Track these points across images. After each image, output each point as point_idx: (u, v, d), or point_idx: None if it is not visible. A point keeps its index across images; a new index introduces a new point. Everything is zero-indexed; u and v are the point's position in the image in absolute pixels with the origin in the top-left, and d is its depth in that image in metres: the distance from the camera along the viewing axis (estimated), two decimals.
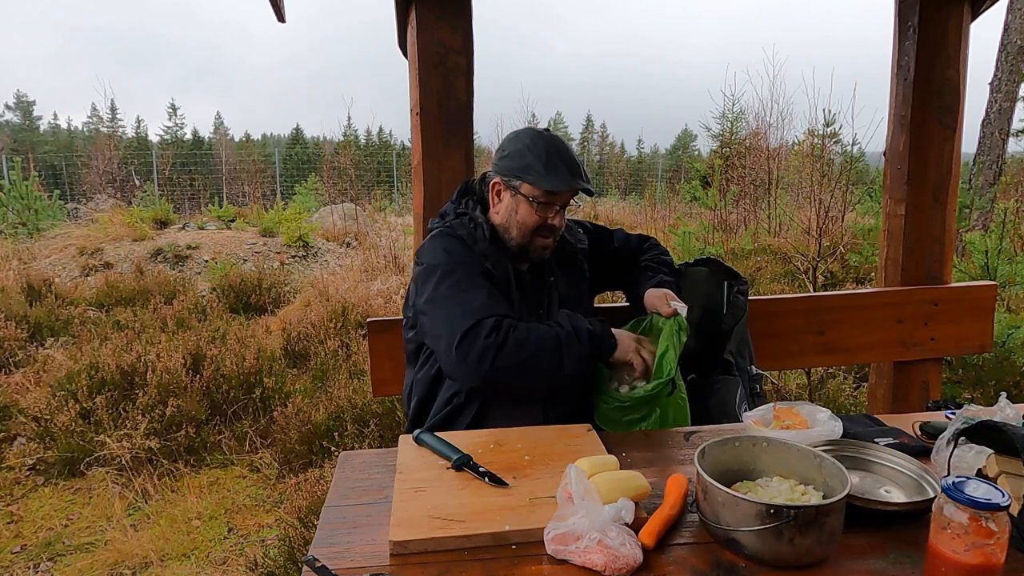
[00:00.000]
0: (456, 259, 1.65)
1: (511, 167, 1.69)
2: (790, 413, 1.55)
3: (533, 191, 1.67)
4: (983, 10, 2.45)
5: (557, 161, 1.66)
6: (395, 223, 10.93)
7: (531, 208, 1.68)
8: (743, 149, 10.73)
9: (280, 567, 2.52)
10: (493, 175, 1.74)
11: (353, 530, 1.18)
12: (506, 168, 1.70)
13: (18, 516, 3.15)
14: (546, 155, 1.66)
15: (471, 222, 1.73)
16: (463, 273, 1.62)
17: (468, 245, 1.69)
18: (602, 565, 1.02)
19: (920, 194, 2.49)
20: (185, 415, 3.68)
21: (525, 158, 1.67)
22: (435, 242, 1.71)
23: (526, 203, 1.68)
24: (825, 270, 6.06)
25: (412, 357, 1.80)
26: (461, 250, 1.67)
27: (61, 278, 7.70)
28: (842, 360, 2.79)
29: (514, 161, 1.69)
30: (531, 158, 1.66)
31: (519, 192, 1.68)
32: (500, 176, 1.72)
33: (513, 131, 1.78)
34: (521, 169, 1.67)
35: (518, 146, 1.69)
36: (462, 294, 1.59)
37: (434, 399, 1.72)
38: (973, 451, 1.28)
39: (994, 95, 8.52)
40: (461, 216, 1.76)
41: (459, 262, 1.65)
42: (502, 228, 1.73)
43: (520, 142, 1.70)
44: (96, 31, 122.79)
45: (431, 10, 2.09)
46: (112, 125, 39.14)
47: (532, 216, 1.69)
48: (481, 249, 1.69)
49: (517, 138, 1.72)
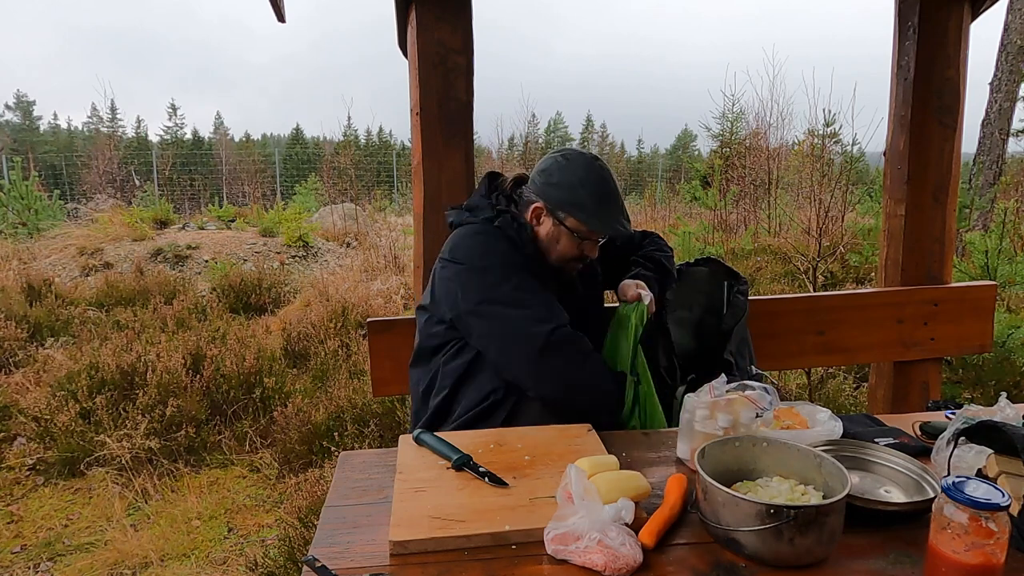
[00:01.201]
0: (507, 260, 1.61)
1: (559, 198, 1.65)
2: (790, 413, 1.55)
3: (579, 227, 1.65)
4: (983, 10, 2.45)
5: (607, 202, 1.64)
6: (395, 223, 10.93)
7: (573, 242, 1.67)
8: (743, 149, 10.73)
9: (280, 567, 2.52)
10: (535, 197, 1.68)
11: (353, 530, 1.18)
12: (554, 197, 1.65)
13: (18, 516, 3.15)
14: (597, 194, 1.63)
15: (514, 222, 1.68)
16: (521, 277, 1.59)
17: (516, 247, 1.65)
18: (602, 565, 1.02)
19: (920, 194, 2.49)
20: (185, 415, 3.68)
21: (576, 193, 1.63)
22: (480, 240, 1.65)
23: (568, 235, 1.66)
24: (825, 270, 6.06)
25: (430, 352, 1.73)
26: (509, 251, 1.63)
27: (61, 278, 7.70)
28: (842, 360, 2.79)
29: (563, 192, 1.64)
30: (583, 195, 1.63)
31: (563, 224, 1.65)
32: (544, 202, 1.67)
33: (561, 153, 1.70)
34: (570, 204, 1.64)
35: (570, 177, 1.64)
36: (531, 298, 1.56)
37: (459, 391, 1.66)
38: (973, 451, 1.28)
39: (994, 95, 8.52)
40: (503, 214, 1.70)
41: (512, 264, 1.60)
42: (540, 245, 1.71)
43: (572, 173, 1.65)
44: (96, 31, 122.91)
45: (431, 10, 2.09)
46: (112, 125, 39.14)
47: (572, 248, 1.68)
48: (529, 252, 1.66)
49: (569, 168, 1.66)
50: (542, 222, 1.69)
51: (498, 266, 1.60)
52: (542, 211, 1.68)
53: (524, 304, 1.56)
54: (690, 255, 5.37)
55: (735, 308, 2.11)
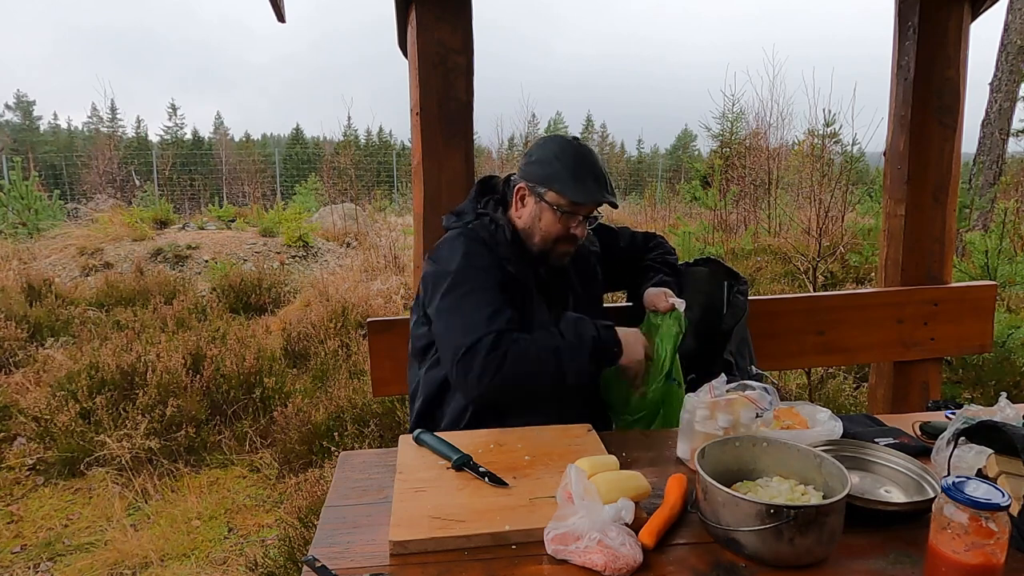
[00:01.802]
0: (471, 265, 1.61)
1: (538, 173, 1.67)
2: (790, 413, 1.55)
3: (558, 200, 1.65)
4: (983, 10, 2.45)
5: (584, 172, 1.65)
6: (395, 223, 10.93)
7: (555, 216, 1.66)
8: (743, 149, 10.73)
9: (280, 567, 2.52)
10: (518, 179, 1.71)
11: (353, 530, 1.18)
12: (532, 174, 1.68)
13: (18, 516, 3.15)
14: (574, 165, 1.64)
15: (492, 223, 1.70)
16: (474, 283, 1.59)
17: (489, 247, 1.66)
18: (602, 565, 1.02)
19: (920, 194, 2.49)
20: (185, 415, 3.68)
21: (552, 166, 1.65)
22: (453, 243, 1.68)
23: (550, 211, 1.66)
24: (825, 270, 6.06)
25: (420, 354, 1.76)
26: (479, 254, 1.64)
27: (61, 278, 7.70)
28: (842, 360, 2.79)
29: (541, 168, 1.66)
30: (558, 167, 1.64)
31: (544, 199, 1.66)
32: (525, 181, 1.69)
33: (542, 137, 1.76)
34: (548, 177, 1.65)
35: (546, 153, 1.67)
36: (467, 307, 1.57)
37: (443, 399, 1.70)
38: (973, 451, 1.28)
39: (994, 95, 8.52)
40: (482, 216, 1.72)
41: (473, 269, 1.61)
42: (524, 233, 1.71)
43: (548, 149, 1.68)
44: (96, 31, 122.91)
45: (431, 10, 2.09)
46: (112, 125, 39.13)
47: (555, 224, 1.67)
48: (503, 252, 1.66)
49: (546, 145, 1.70)
50: (525, 203, 1.70)
51: (456, 271, 1.61)
52: (524, 191, 1.70)
53: (458, 314, 1.57)
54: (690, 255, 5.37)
55: (735, 308, 2.11)
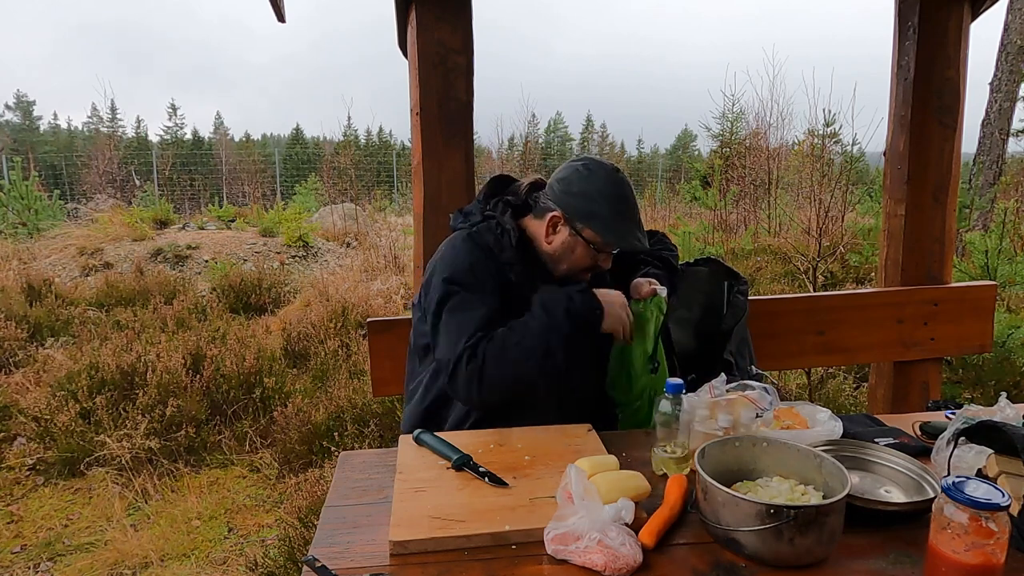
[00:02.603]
0: (468, 271, 1.60)
1: (577, 208, 1.62)
2: (790, 413, 1.55)
3: (595, 239, 1.63)
4: (983, 10, 2.45)
5: (626, 215, 1.63)
6: (395, 223, 10.93)
7: (588, 252, 1.65)
8: (743, 149, 10.73)
9: (280, 567, 2.53)
10: (553, 205, 1.65)
11: (353, 530, 1.18)
12: (572, 207, 1.63)
13: (18, 516, 3.15)
14: (617, 207, 1.62)
15: (498, 227, 1.67)
16: (464, 295, 1.57)
17: (492, 252, 1.64)
18: (602, 565, 1.02)
19: (920, 194, 2.49)
20: (185, 415, 3.68)
21: (595, 204, 1.61)
22: (455, 246, 1.66)
23: (584, 247, 1.64)
24: (825, 270, 6.06)
25: (422, 351, 1.74)
26: (480, 261, 1.62)
27: (61, 278, 7.70)
28: (842, 360, 2.80)
29: (582, 203, 1.62)
30: (602, 206, 1.61)
31: (580, 235, 1.63)
32: (563, 211, 1.64)
33: (583, 163, 1.67)
34: (588, 215, 1.62)
35: (589, 188, 1.62)
36: (453, 323, 1.55)
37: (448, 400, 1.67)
38: (973, 451, 1.28)
39: (994, 95, 8.52)
40: (488, 219, 1.70)
41: (469, 274, 1.59)
42: (550, 257, 1.68)
43: (593, 184, 1.62)
44: (96, 31, 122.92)
45: (431, 10, 2.09)
46: (112, 125, 39.15)
47: (587, 259, 1.66)
48: (507, 257, 1.64)
49: (590, 178, 1.63)
50: (558, 231, 1.66)
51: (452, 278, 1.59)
52: (559, 220, 1.65)
53: (448, 327, 1.56)
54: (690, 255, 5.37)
55: (735, 308, 2.11)
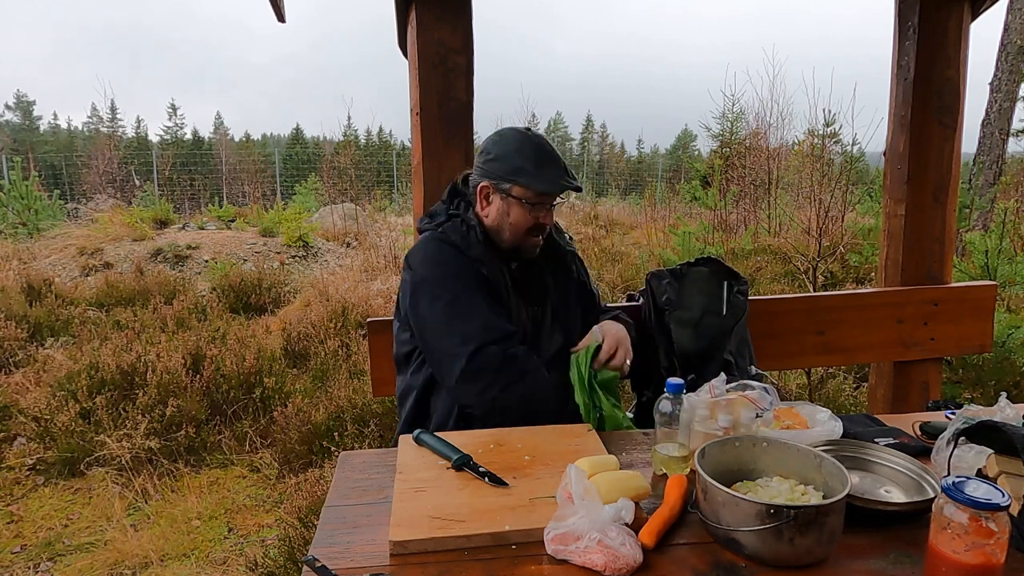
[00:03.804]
0: (449, 271, 1.63)
1: (500, 170, 1.67)
2: (790, 413, 1.55)
3: (525, 193, 1.66)
4: (983, 10, 2.45)
5: (547, 162, 1.66)
6: (395, 223, 10.93)
7: (524, 210, 1.67)
8: (743, 149, 10.73)
9: (280, 567, 2.52)
10: (479, 179, 1.71)
11: (353, 530, 1.18)
12: (495, 171, 1.68)
13: (18, 516, 3.15)
14: (535, 156, 1.66)
15: (464, 224, 1.71)
16: (458, 290, 1.61)
17: (461, 251, 1.66)
18: (602, 565, 1.02)
19: (920, 194, 2.49)
20: (185, 415, 3.68)
21: (514, 160, 1.66)
22: (426, 248, 1.69)
23: (519, 205, 1.67)
24: (825, 270, 6.06)
25: (404, 360, 1.78)
26: (453, 259, 1.65)
27: (61, 278, 7.70)
28: (842, 360, 2.80)
29: (503, 164, 1.67)
30: (521, 160, 1.65)
31: (511, 195, 1.67)
32: (488, 180, 1.69)
33: (495, 132, 1.74)
34: (512, 172, 1.66)
35: (505, 148, 1.68)
36: (460, 316, 1.58)
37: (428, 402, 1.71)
38: (973, 451, 1.28)
39: (994, 95, 8.52)
40: (453, 218, 1.73)
41: (452, 275, 1.62)
42: (493, 230, 1.72)
43: (507, 144, 1.69)
44: (96, 31, 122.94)
45: (431, 10, 2.09)
46: (112, 125, 39.18)
47: (525, 217, 1.68)
48: (475, 253, 1.66)
49: (502, 140, 1.70)
50: (491, 201, 1.70)
51: (436, 278, 1.63)
52: (489, 189, 1.70)
53: (453, 324, 1.59)
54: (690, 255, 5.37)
55: (735, 308, 2.11)
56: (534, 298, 1.76)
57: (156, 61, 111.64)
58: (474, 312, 1.58)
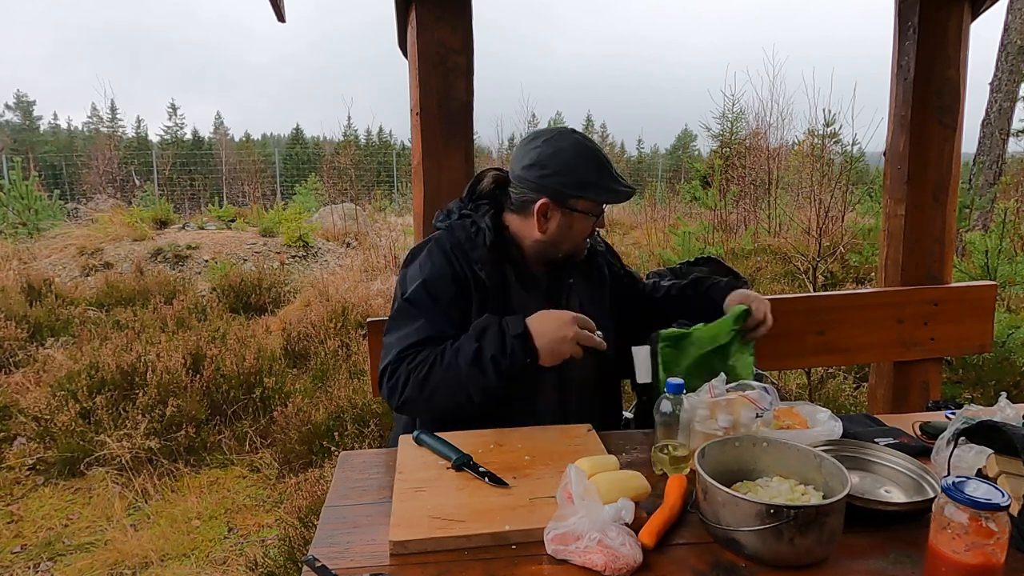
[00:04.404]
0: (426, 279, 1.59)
1: (564, 185, 1.55)
2: (790, 413, 1.55)
3: (591, 206, 1.59)
4: (983, 10, 2.45)
5: (606, 169, 1.59)
6: (395, 223, 10.93)
7: (588, 222, 1.62)
8: (743, 149, 10.73)
9: (280, 567, 2.53)
10: (535, 195, 1.58)
11: (353, 530, 1.18)
12: (557, 187, 1.55)
13: (18, 516, 3.15)
14: (596, 166, 1.57)
15: (473, 225, 1.65)
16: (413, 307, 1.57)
17: (456, 254, 1.61)
18: (602, 565, 1.02)
19: (920, 194, 2.49)
20: (185, 415, 3.68)
21: (578, 174, 1.55)
22: (424, 251, 1.66)
23: (583, 218, 1.60)
24: (825, 270, 6.06)
25: None
26: (441, 265, 1.60)
27: (61, 278, 7.70)
28: (842, 360, 2.80)
29: (565, 178, 1.55)
30: (585, 173, 1.56)
31: (575, 210, 1.58)
32: (548, 196, 1.56)
33: (539, 139, 1.60)
34: (578, 187, 1.56)
35: (564, 161, 1.55)
36: (393, 330, 1.58)
37: None
38: (973, 451, 1.28)
39: (994, 95, 8.52)
40: (464, 218, 1.68)
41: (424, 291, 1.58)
42: (547, 245, 1.63)
43: (565, 157, 1.56)
44: (96, 31, 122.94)
45: (431, 10, 2.09)
46: (112, 125, 39.14)
47: (587, 228, 1.63)
48: (477, 256, 1.61)
49: (558, 152, 1.56)
50: (550, 217, 1.60)
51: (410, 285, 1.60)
52: (549, 206, 1.59)
53: (390, 334, 1.58)
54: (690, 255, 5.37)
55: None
56: (558, 302, 1.70)
57: (156, 61, 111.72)
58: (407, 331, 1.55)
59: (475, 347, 1.46)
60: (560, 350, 1.45)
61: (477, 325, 1.50)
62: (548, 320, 1.47)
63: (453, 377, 1.46)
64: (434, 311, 1.56)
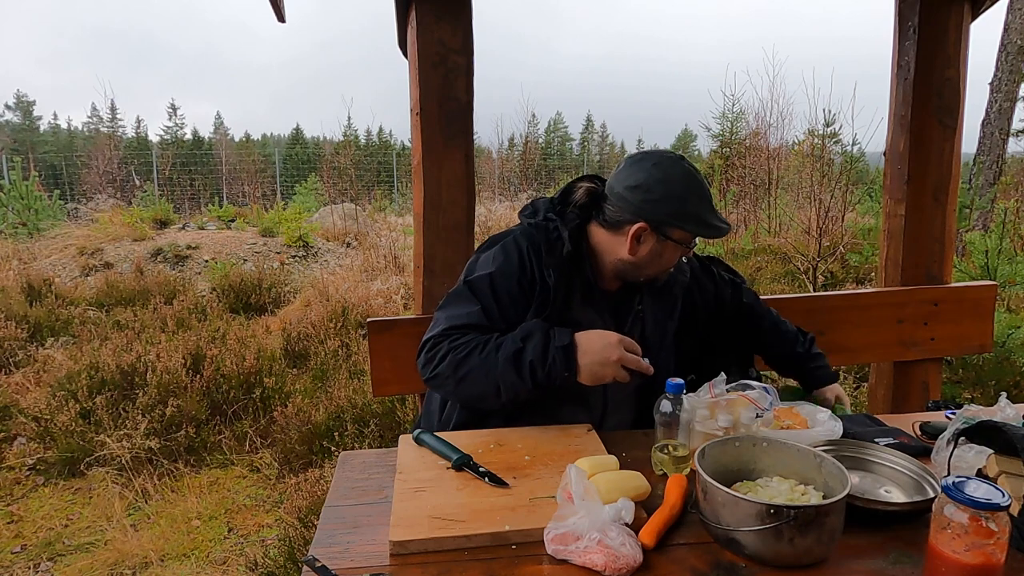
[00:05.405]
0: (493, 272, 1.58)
1: (665, 212, 1.53)
2: (790, 413, 1.55)
3: (686, 237, 1.57)
4: (983, 10, 2.45)
5: (708, 202, 1.57)
6: (395, 223, 10.94)
7: (677, 251, 1.60)
8: (743, 149, 10.73)
9: (280, 567, 2.52)
10: (633, 217, 1.54)
11: (353, 530, 1.18)
12: (658, 213, 1.53)
13: (18, 516, 3.15)
14: (700, 200, 1.55)
15: (555, 231, 1.61)
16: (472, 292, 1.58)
17: (531, 255, 1.59)
18: (602, 565, 1.02)
19: (920, 194, 2.49)
20: (185, 415, 3.68)
21: (683, 205, 1.53)
22: (500, 243, 1.64)
23: (673, 247, 1.58)
24: (825, 270, 6.07)
25: None
26: (512, 263, 1.59)
27: (61, 278, 7.70)
28: (842, 360, 2.79)
29: (669, 206, 1.52)
30: (690, 205, 1.54)
31: (670, 238, 1.55)
32: (646, 221, 1.53)
33: (650, 163, 1.56)
34: (679, 217, 1.54)
35: (672, 190, 1.53)
36: (451, 306, 1.58)
37: None
38: (973, 451, 1.28)
39: (994, 95, 8.52)
40: (549, 221, 1.64)
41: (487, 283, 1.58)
42: (633, 266, 1.60)
43: (673, 185, 1.53)
44: (96, 31, 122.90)
45: (431, 10, 2.09)
46: (112, 125, 39.12)
47: (675, 258, 1.62)
48: (550, 261, 1.58)
49: (667, 180, 1.53)
50: (643, 242, 1.57)
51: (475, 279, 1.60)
52: (644, 231, 1.54)
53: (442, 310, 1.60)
54: None
55: None
56: (622, 323, 1.68)
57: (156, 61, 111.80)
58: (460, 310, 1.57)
59: (518, 347, 1.46)
60: (603, 373, 1.44)
61: (526, 326, 1.50)
62: (595, 339, 1.46)
63: (488, 368, 1.46)
64: (492, 304, 1.57)
